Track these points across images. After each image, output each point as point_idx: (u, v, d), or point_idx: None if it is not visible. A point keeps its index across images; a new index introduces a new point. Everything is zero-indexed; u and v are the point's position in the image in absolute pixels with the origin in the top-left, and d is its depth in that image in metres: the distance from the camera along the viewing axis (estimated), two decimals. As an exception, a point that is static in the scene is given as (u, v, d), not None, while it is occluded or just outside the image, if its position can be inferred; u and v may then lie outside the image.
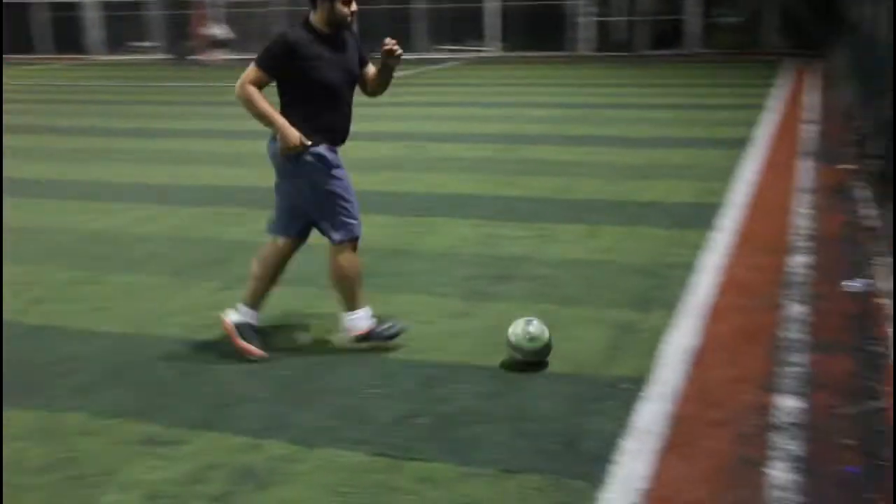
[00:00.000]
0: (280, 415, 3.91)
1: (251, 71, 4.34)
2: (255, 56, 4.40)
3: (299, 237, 4.66)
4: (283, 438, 3.68)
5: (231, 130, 12.65)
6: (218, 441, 3.68)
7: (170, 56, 32.27)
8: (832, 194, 7.76)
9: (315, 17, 4.41)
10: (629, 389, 4.03)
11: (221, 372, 4.39)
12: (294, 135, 4.31)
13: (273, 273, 4.65)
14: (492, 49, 29.60)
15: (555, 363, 4.35)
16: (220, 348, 4.65)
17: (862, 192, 7.64)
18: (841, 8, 18.14)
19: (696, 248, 6.24)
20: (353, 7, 4.37)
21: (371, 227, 7.05)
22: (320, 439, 3.67)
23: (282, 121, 4.33)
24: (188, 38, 31.52)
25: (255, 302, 4.65)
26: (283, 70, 4.35)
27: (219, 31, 27.26)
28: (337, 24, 4.41)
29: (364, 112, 16.78)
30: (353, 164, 9.82)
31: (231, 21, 29.26)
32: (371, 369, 4.37)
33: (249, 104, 4.33)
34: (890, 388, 3.95)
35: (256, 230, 7.08)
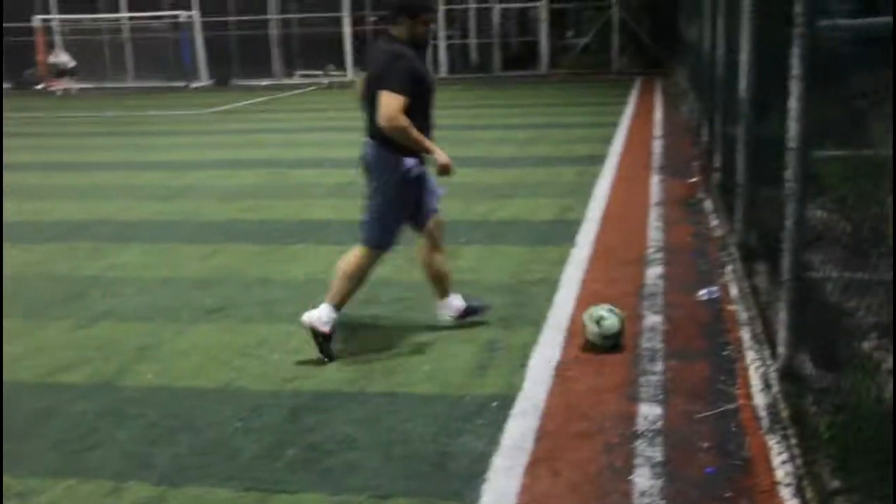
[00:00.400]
0: (142, 455, 3.77)
1: (396, 100, 4.41)
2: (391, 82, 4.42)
3: (421, 227, 4.98)
4: (147, 480, 3.55)
5: (81, 162, 12.17)
6: (76, 488, 3.52)
7: (9, 85, 30.85)
8: (682, 207, 8.11)
9: (398, 32, 4.58)
10: (498, 407, 4.09)
11: (78, 415, 4.20)
12: (448, 158, 4.61)
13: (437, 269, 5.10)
14: (347, 74, 29.60)
15: (423, 384, 4.37)
16: (76, 390, 4.46)
17: (708, 203, 8.01)
18: (678, 29, 19.06)
19: (557, 263, 6.40)
20: (433, 27, 4.67)
21: (233, 257, 6.95)
22: (186, 478, 3.56)
23: (435, 146, 4.60)
24: (32, 67, 30.24)
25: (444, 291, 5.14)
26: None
27: (64, 58, 26.22)
28: (417, 43, 4.60)
29: (225, 140, 16.41)
30: (214, 193, 9.69)
31: (70, 48, 28.23)
32: (237, 402, 4.27)
33: (406, 133, 4.47)
34: (743, 391, 4.14)
35: (113, 264, 6.86)
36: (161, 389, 4.48)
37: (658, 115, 15.34)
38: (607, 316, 4.71)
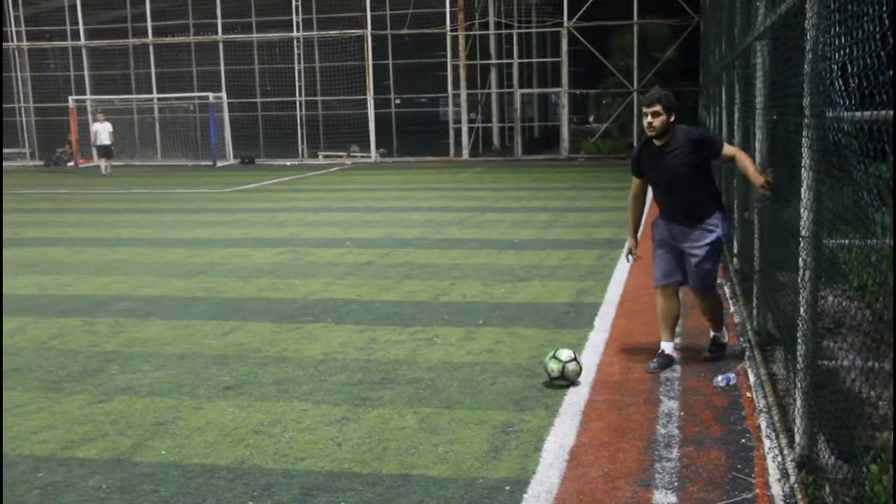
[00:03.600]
0: (153, 533, 3.75)
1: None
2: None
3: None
4: (156, 558, 3.53)
5: (105, 238, 12.37)
6: (85, 565, 3.50)
7: (42, 162, 31.58)
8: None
9: None
10: (511, 491, 4.05)
11: (91, 490, 4.19)
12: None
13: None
14: (370, 155, 30.07)
15: (436, 466, 4.35)
16: (90, 465, 4.47)
17: (727, 289, 7.99)
18: (697, 115, 19.27)
19: (573, 347, 6.37)
20: (647, 119, 5.76)
21: (250, 335, 6.99)
22: (195, 557, 3.53)
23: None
24: (64, 145, 31.00)
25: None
26: None
27: (104, 137, 26.64)
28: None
29: (244, 218, 16.58)
30: (235, 270, 9.78)
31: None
32: (249, 481, 4.26)
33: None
34: (760, 480, 4.09)
35: (132, 339, 6.91)
36: (174, 466, 4.47)
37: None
38: (571, 366, 5.52)
